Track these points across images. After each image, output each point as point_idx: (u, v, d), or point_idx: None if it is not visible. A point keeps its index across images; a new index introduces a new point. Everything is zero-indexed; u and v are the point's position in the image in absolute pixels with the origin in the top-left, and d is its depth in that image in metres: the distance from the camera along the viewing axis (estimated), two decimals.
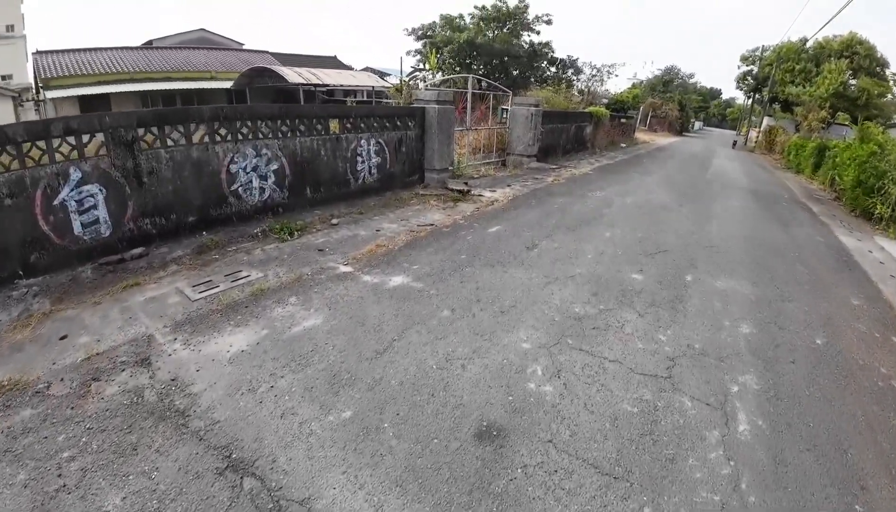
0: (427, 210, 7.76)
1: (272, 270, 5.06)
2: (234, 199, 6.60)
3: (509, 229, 6.59)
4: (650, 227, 7.35)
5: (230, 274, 4.94)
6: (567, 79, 37.08)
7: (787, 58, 35.20)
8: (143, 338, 3.52)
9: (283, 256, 5.56)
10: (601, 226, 7.10)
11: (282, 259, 5.44)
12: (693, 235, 7.17)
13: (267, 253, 5.65)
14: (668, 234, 7.05)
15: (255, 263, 5.29)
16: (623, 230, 6.96)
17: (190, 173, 5.99)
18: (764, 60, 39.86)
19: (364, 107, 7.87)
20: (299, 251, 5.75)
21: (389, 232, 6.52)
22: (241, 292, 4.40)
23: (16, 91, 24.72)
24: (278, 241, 6.10)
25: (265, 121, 6.87)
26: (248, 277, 4.88)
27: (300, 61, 33.26)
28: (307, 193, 7.51)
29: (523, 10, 34.92)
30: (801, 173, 18.77)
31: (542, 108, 13.26)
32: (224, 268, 5.09)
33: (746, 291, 5.11)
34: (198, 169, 6.08)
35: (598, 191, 10.05)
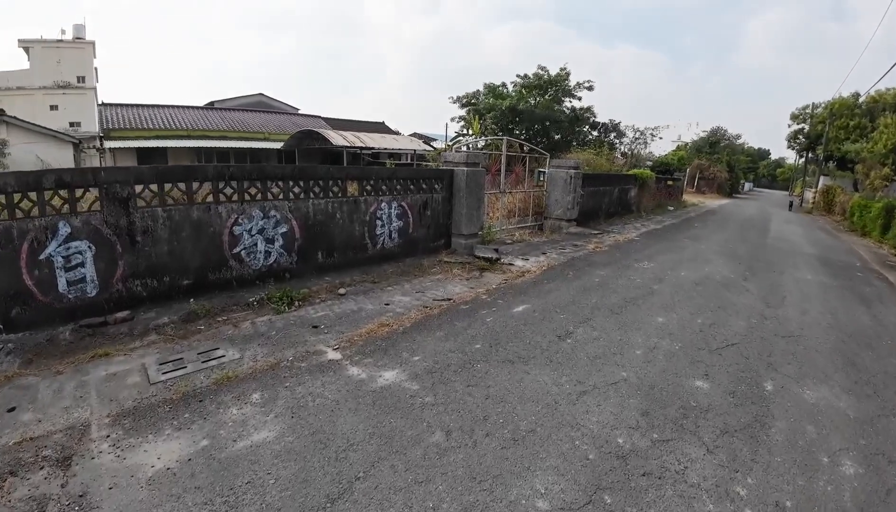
0: (448, 280, 6.92)
1: (252, 351, 4.38)
2: (236, 263, 6.07)
3: (539, 309, 5.59)
4: (712, 309, 6.14)
5: (205, 352, 4.35)
6: (609, 142, 36.61)
7: (839, 114, 33.58)
8: (80, 427, 3.06)
9: (272, 331, 4.87)
10: (652, 308, 5.96)
11: (268, 336, 4.75)
12: (766, 321, 5.92)
13: (256, 327, 4.98)
14: (736, 319, 5.83)
15: (238, 338, 4.66)
16: (680, 314, 5.79)
17: (188, 234, 5.56)
18: (815, 118, 38.25)
19: (386, 169, 7.32)
20: (291, 327, 5.02)
21: (399, 307, 5.68)
22: (206, 378, 3.79)
23: (76, 138, 26.66)
24: (273, 312, 5.44)
25: (276, 181, 6.41)
26: (223, 357, 4.26)
27: (349, 126, 34.62)
28: (318, 258, 6.88)
29: (565, 77, 35.34)
30: (868, 236, 17.09)
31: (581, 171, 12.49)
32: (203, 342, 4.53)
33: (842, 405, 3.89)
34: (197, 230, 5.64)
35: (645, 261, 8.92)
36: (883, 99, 30.86)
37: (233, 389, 3.62)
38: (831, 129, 33.47)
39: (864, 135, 30.18)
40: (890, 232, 14.96)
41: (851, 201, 21.77)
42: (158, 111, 29.51)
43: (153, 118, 28.47)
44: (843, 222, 22.47)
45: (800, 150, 44.61)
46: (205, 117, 31.30)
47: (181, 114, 30.27)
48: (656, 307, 5.97)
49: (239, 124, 31.78)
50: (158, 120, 28.50)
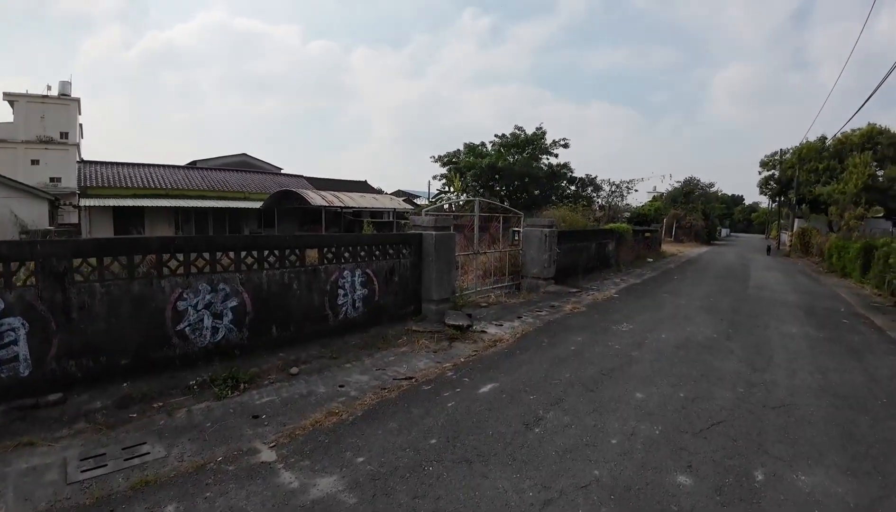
0: (414, 353, 6.44)
1: (180, 447, 3.89)
2: (179, 341, 5.57)
3: (507, 389, 5.09)
4: (695, 378, 5.72)
5: (131, 447, 3.89)
6: (587, 196, 37.39)
7: (808, 158, 34.90)
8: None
9: (207, 422, 4.35)
10: (631, 381, 5.51)
11: (202, 428, 4.24)
12: (753, 389, 5.51)
13: (191, 416, 4.48)
14: (721, 389, 5.41)
15: (169, 431, 4.17)
16: (660, 387, 5.35)
17: (128, 310, 5.13)
18: (785, 163, 39.72)
19: (349, 235, 7.03)
20: (230, 416, 4.50)
21: (355, 389, 5.17)
22: (125, 481, 3.36)
23: (52, 195, 26.18)
24: (214, 397, 4.92)
25: (226, 252, 6.03)
26: (148, 454, 3.77)
27: (331, 185, 34.90)
28: (273, 333, 6.38)
29: (541, 136, 36.50)
30: (849, 277, 17.22)
31: (556, 229, 12.37)
32: (132, 434, 4.09)
33: (840, 490, 3.47)
34: (138, 305, 5.21)
35: (624, 322, 8.55)
36: (849, 140, 32.26)
37: (148, 498, 3.14)
38: (801, 173, 34.69)
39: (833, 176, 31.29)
40: (870, 272, 15.01)
41: (828, 243, 22.12)
42: (138, 170, 29.39)
43: (132, 177, 28.27)
44: (822, 264, 22.75)
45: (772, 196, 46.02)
46: (185, 177, 31.26)
47: (161, 173, 30.19)
48: (635, 380, 5.53)
49: (219, 184, 31.75)
50: (137, 179, 28.31)
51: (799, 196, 35.54)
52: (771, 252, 32.13)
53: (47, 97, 38.72)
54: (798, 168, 35.20)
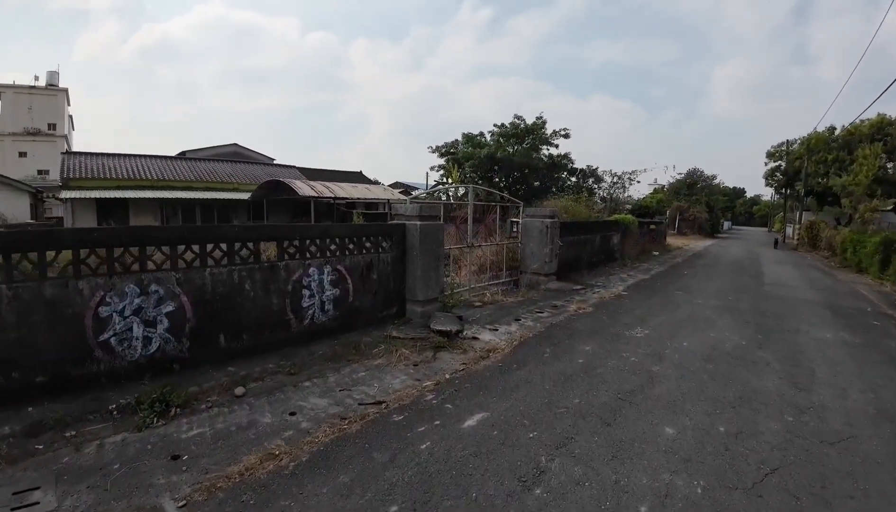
0: (390, 367, 5.36)
1: (75, 497, 3.03)
2: (104, 354, 4.57)
3: (500, 422, 4.00)
4: (733, 404, 4.64)
5: (21, 493, 3.11)
6: (588, 188, 36.26)
7: (816, 149, 33.67)
8: None
9: (116, 464, 3.41)
10: (656, 408, 4.39)
11: (108, 471, 3.33)
12: (803, 416, 4.46)
13: (102, 452, 3.57)
14: (767, 418, 4.34)
15: (71, 472, 3.31)
16: (693, 418, 4.24)
17: (41, 317, 4.20)
18: (792, 154, 38.47)
19: (317, 225, 5.94)
20: (145, 456, 3.51)
21: (308, 418, 4.11)
22: None
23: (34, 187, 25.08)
24: (136, 426, 3.93)
25: (159, 247, 4.95)
26: (37, 504, 2.98)
27: (325, 176, 33.75)
28: (220, 343, 5.33)
29: (541, 126, 35.33)
30: (865, 273, 16.13)
31: (558, 220, 11.27)
32: (30, 473, 3.31)
33: None
34: (52, 311, 4.25)
35: (638, 326, 7.46)
36: (859, 131, 31.08)
37: None
38: (810, 164, 33.50)
39: (843, 168, 30.15)
40: (890, 268, 14.00)
41: (842, 236, 21.04)
42: (123, 160, 28.13)
43: (117, 168, 27.03)
44: (833, 259, 21.70)
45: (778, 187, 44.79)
46: (172, 167, 30.02)
47: (147, 163, 28.95)
48: (661, 407, 4.43)
49: (208, 174, 30.53)
50: (122, 170, 27.07)
51: (807, 188, 34.37)
52: (778, 245, 31.01)
53: (34, 88, 37.56)
54: (806, 159, 33.99)
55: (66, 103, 40.00)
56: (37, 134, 36.89)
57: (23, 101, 37.10)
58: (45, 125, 37.31)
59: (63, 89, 39.40)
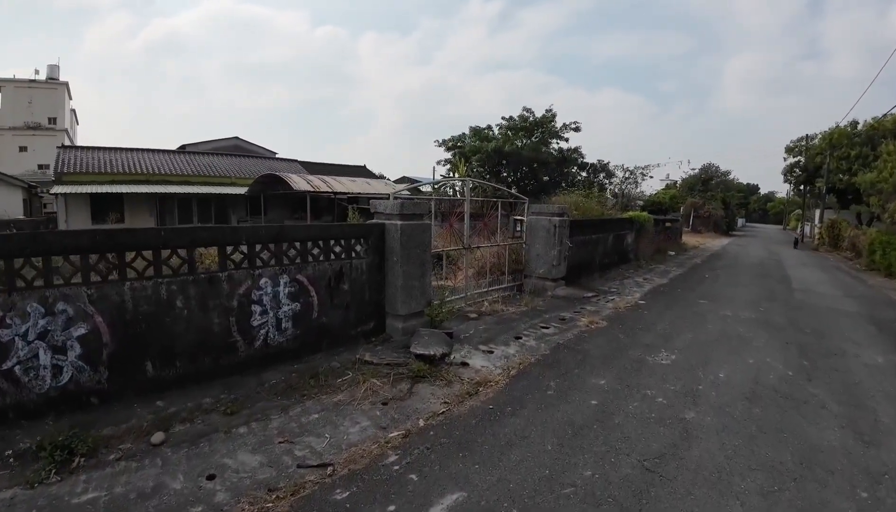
0: (354, 405, 4.28)
1: None
2: (9, 385, 3.70)
3: (480, 510, 2.92)
4: (792, 471, 3.45)
5: None
6: (599, 183, 34.85)
7: (839, 144, 31.89)
8: None
9: None
10: (695, 489, 3.17)
11: None
12: (878, 489, 3.32)
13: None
14: (836, 497, 3.18)
15: None
16: (746, 500, 3.04)
17: None
18: (812, 149, 36.63)
19: (270, 227, 4.83)
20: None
21: (225, 489, 3.07)
22: None
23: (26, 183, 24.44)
24: (28, 481, 3.07)
25: (65, 255, 3.94)
26: None
27: (328, 170, 32.75)
28: (147, 371, 4.31)
29: (550, 119, 33.96)
30: None
31: (567, 218, 10.10)
32: None
33: None
34: None
35: (663, 348, 6.27)
36: (882, 126, 29.32)
37: None
38: (832, 160, 31.80)
39: (866, 164, 28.46)
40: None
41: (869, 237, 19.58)
42: (118, 154, 27.36)
43: (112, 162, 26.26)
44: (857, 260, 20.26)
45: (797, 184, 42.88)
46: (169, 161, 29.19)
47: (143, 157, 28.15)
48: (702, 482, 3.24)
49: (206, 169, 29.72)
50: (118, 164, 26.30)
51: (829, 184, 32.62)
52: (798, 245, 29.34)
53: (34, 82, 36.95)
54: (828, 155, 32.23)
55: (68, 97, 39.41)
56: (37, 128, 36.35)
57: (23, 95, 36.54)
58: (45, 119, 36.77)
59: (63, 83, 38.77)
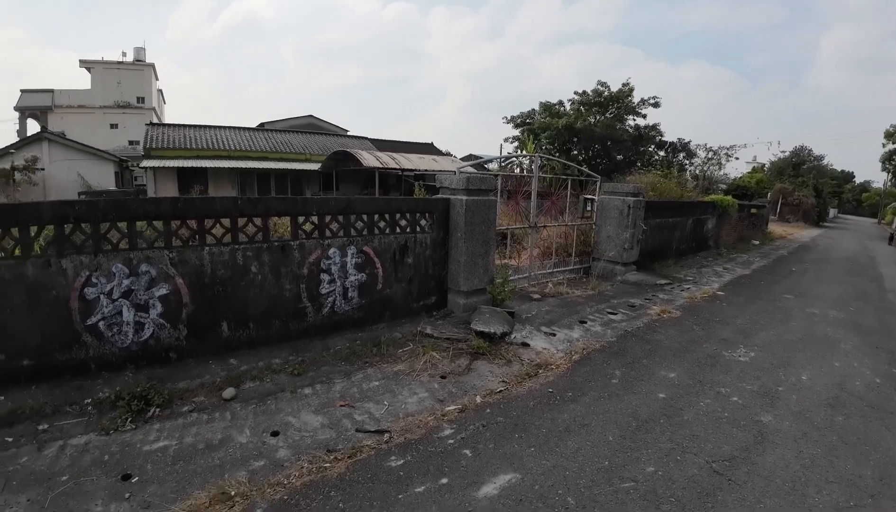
0: (412, 377, 4.34)
1: None
2: (92, 339, 4.02)
3: (531, 498, 2.74)
4: (870, 490, 3.05)
5: None
6: (679, 163, 32.58)
7: None
8: None
9: (64, 475, 2.87)
10: (765, 497, 2.88)
11: (53, 484, 2.79)
12: None
13: (59, 457, 3.06)
14: None
15: (21, 476, 2.86)
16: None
17: (20, 299, 3.73)
18: None
19: (339, 199, 4.97)
20: (95, 471, 2.94)
21: (288, 445, 3.24)
22: None
23: (117, 157, 26.95)
24: (104, 428, 3.38)
25: (149, 222, 4.26)
26: None
27: (396, 147, 33.20)
28: (222, 332, 4.61)
29: (627, 93, 32.09)
30: None
31: (643, 198, 9.53)
32: None
33: None
34: (33, 293, 3.77)
35: (741, 344, 5.79)
36: None
37: None
38: None
39: None
40: None
41: None
42: (202, 131, 29.31)
43: (197, 138, 28.20)
44: None
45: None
46: (249, 138, 30.87)
47: (225, 134, 29.97)
48: (774, 491, 2.91)
49: (283, 145, 31.11)
50: (202, 140, 28.20)
51: None
52: (893, 241, 25.60)
53: (122, 63, 40.16)
54: None
55: (154, 78, 42.46)
56: (126, 107, 39.57)
57: (112, 76, 39.77)
58: (133, 99, 39.91)
59: (150, 64, 41.79)
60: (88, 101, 38.32)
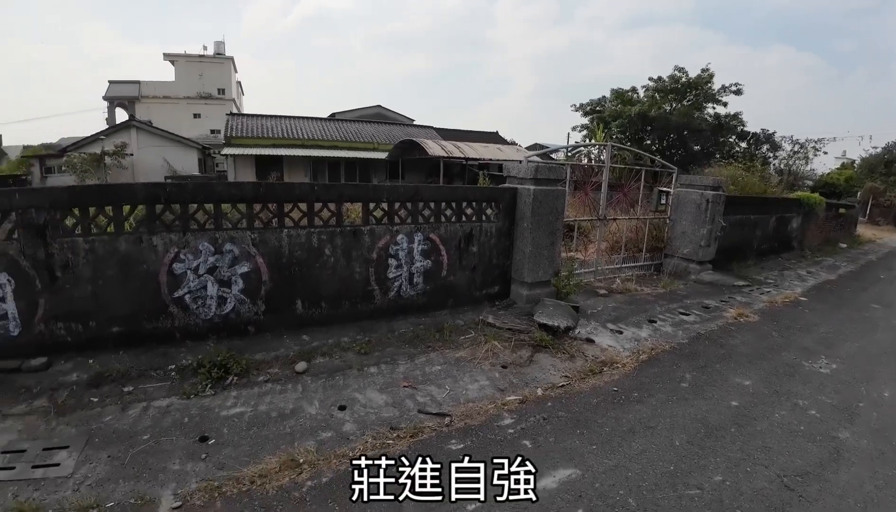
0: (474, 364, 4.39)
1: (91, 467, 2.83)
2: (178, 310, 4.42)
3: (591, 496, 2.69)
4: None
5: (52, 449, 2.99)
6: (762, 156, 30.01)
7: None
8: None
9: (147, 434, 3.17)
10: None
11: (136, 442, 3.07)
12: None
13: (142, 417, 3.37)
14: None
15: (104, 434, 3.15)
16: None
17: (116, 271, 4.15)
18: None
19: (407, 186, 5.09)
20: (175, 432, 3.21)
21: (354, 419, 3.42)
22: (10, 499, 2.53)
23: (200, 144, 29.02)
24: (185, 392, 3.69)
25: (234, 204, 4.58)
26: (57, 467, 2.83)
27: (460, 136, 33.26)
28: (297, 309, 4.90)
29: (707, 79, 29.93)
30: None
31: (723, 193, 8.94)
32: (69, 429, 3.20)
33: None
34: (126, 266, 4.17)
35: (822, 354, 5.30)
36: None
37: None
38: None
39: None
40: None
41: None
42: (278, 121, 30.83)
43: (273, 128, 29.73)
44: None
45: None
46: (321, 128, 32.10)
47: (299, 124, 31.35)
48: (845, 509, 2.70)
49: (352, 135, 32.08)
50: (277, 129, 29.70)
51: None
52: None
53: (203, 56, 42.89)
54: None
55: (233, 70, 45.04)
56: (208, 98, 42.33)
57: (194, 68, 42.61)
58: (214, 90, 42.55)
59: (229, 58, 44.36)
60: (173, 92, 41.42)
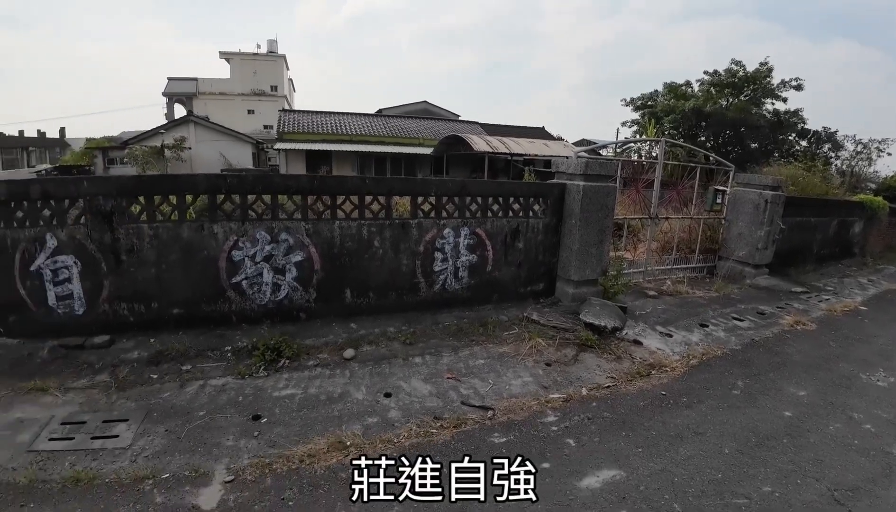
0: (516, 361, 4.40)
1: (149, 439, 3.04)
2: (236, 295, 4.68)
3: (635, 497, 2.65)
4: None
5: (111, 422, 3.21)
6: (823, 155, 27.97)
7: None
8: None
9: (202, 411, 3.37)
10: None
11: (192, 418, 3.28)
12: None
13: (200, 394, 3.59)
14: None
15: (161, 410, 3.37)
16: None
17: (178, 256, 4.43)
18: None
19: (455, 181, 5.17)
20: (229, 409, 3.41)
21: (398, 407, 3.52)
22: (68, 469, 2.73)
23: (254, 139, 30.26)
24: (240, 373, 3.91)
25: (289, 196, 4.77)
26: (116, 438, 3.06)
27: (506, 132, 33.06)
28: (346, 298, 5.07)
29: (765, 74, 28.23)
30: None
31: (783, 193, 8.47)
32: (129, 404, 3.44)
33: None
34: (188, 252, 4.45)
35: (881, 368, 4.88)
36: None
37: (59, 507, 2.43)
38: None
39: None
40: None
41: None
42: (327, 117, 31.63)
43: (323, 123, 30.55)
44: None
45: None
46: (369, 123, 32.68)
47: (347, 120, 32.04)
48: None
49: (398, 130, 32.49)
50: (326, 125, 30.48)
51: None
52: None
53: (257, 55, 44.50)
54: None
55: (286, 68, 46.46)
56: (261, 95, 43.92)
57: (248, 66, 44.26)
58: (267, 87, 44.10)
59: (281, 56, 45.80)
60: (228, 88, 43.25)
